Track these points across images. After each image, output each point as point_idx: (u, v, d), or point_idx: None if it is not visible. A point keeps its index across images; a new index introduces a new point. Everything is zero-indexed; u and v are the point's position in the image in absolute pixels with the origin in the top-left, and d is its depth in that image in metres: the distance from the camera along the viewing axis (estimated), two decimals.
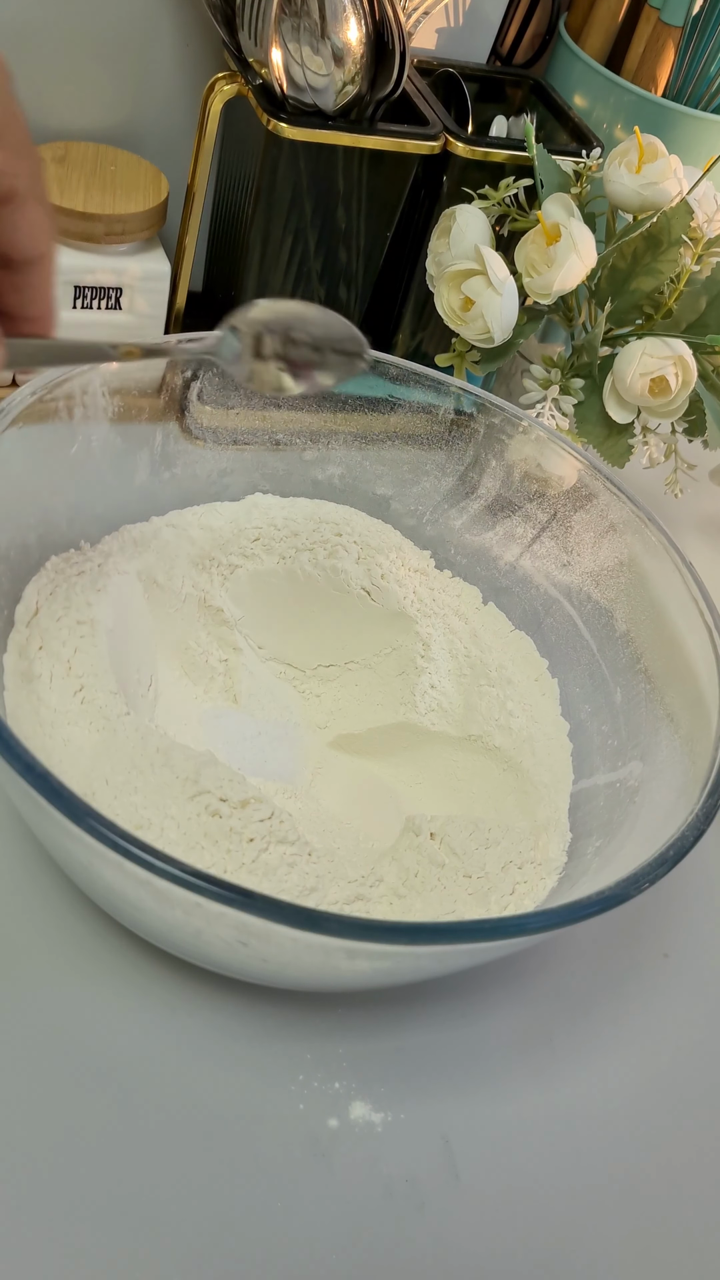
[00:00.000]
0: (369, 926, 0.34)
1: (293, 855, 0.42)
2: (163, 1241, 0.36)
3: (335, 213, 0.63)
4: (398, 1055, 0.43)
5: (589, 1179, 0.41)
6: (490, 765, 0.50)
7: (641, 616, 0.52)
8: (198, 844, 0.41)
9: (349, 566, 0.53)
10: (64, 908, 0.43)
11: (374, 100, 0.60)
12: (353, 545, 0.54)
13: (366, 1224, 0.38)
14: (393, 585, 0.54)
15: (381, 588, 0.53)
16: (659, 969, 0.49)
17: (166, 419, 0.54)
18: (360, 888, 0.42)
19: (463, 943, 0.35)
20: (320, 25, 0.57)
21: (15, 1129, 0.37)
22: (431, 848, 0.44)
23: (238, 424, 0.56)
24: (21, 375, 0.63)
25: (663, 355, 0.57)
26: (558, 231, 0.58)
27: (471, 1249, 0.39)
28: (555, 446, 0.56)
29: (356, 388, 0.57)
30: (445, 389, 0.57)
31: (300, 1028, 0.42)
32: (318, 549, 0.54)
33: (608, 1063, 0.45)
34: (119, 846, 0.32)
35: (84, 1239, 0.36)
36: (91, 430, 0.50)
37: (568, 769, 0.50)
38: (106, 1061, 0.40)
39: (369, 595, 0.53)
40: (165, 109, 0.69)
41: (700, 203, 0.61)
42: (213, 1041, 0.41)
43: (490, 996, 0.45)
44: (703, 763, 0.43)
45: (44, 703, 0.43)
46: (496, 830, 0.45)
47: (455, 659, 0.53)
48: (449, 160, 0.63)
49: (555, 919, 0.35)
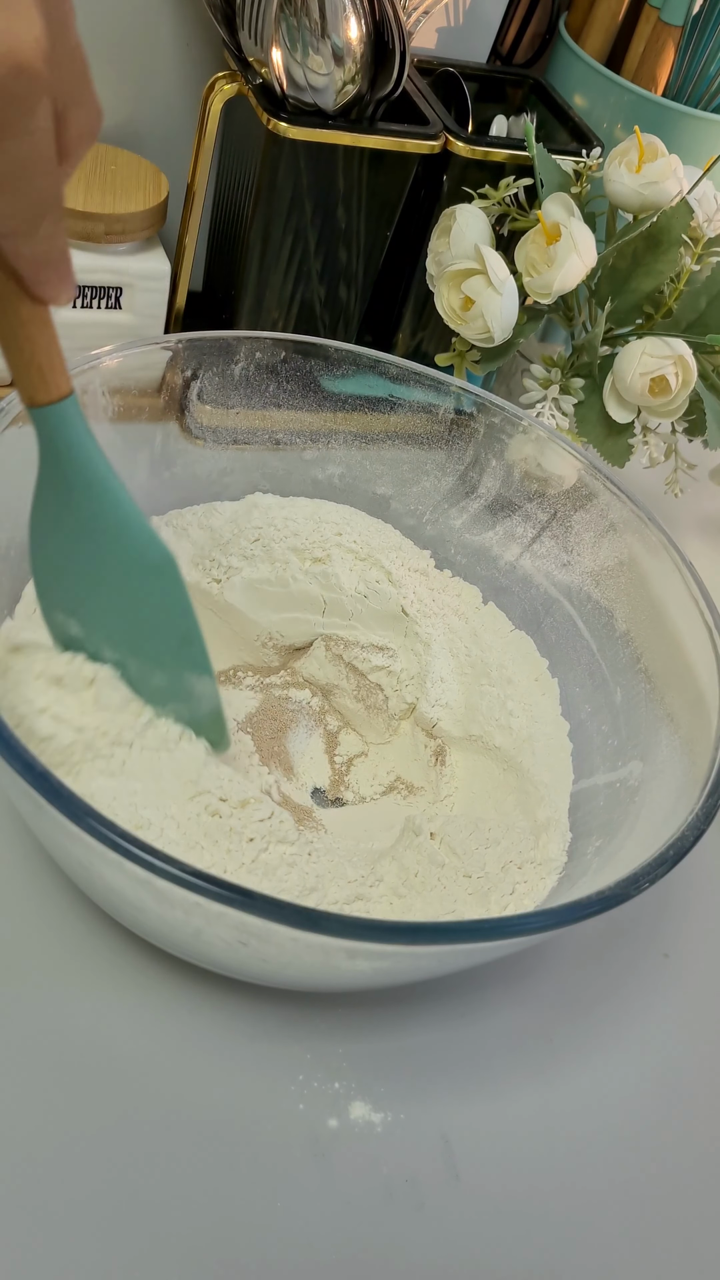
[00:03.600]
0: (369, 926, 0.34)
1: (293, 855, 0.42)
2: (163, 1241, 0.36)
3: (335, 212, 0.63)
4: (398, 1055, 0.43)
5: (588, 1178, 0.41)
6: (490, 765, 0.50)
7: (641, 616, 0.52)
8: (198, 844, 0.41)
9: (342, 573, 0.53)
10: (64, 908, 0.43)
11: (374, 100, 0.60)
12: (346, 554, 0.54)
13: (366, 1224, 0.38)
14: (389, 587, 0.54)
15: (378, 591, 0.53)
16: (659, 969, 0.49)
17: (166, 419, 0.54)
18: (360, 888, 0.42)
19: (463, 943, 0.35)
20: (320, 25, 0.57)
21: (15, 1128, 0.37)
22: (431, 847, 0.44)
23: (238, 424, 0.56)
24: None
25: (663, 355, 0.57)
26: (558, 231, 0.58)
27: (471, 1249, 0.39)
28: (555, 446, 0.56)
29: (356, 387, 0.57)
30: (445, 389, 0.57)
31: (300, 1028, 0.42)
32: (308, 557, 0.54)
33: (608, 1063, 0.45)
34: (119, 846, 0.32)
35: (84, 1238, 0.36)
36: (91, 430, 0.50)
37: (568, 769, 0.50)
38: (106, 1061, 0.40)
39: (365, 598, 0.53)
40: (165, 109, 0.69)
41: (700, 203, 0.61)
42: (213, 1041, 0.41)
43: (490, 996, 0.45)
44: (703, 763, 0.43)
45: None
46: (496, 830, 0.45)
47: (455, 659, 0.53)
48: (449, 160, 0.63)
49: (555, 919, 0.35)
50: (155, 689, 0.40)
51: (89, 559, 0.38)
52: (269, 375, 0.56)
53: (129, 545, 0.38)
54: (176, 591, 0.40)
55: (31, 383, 0.35)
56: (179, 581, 0.40)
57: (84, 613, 0.39)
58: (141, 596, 0.39)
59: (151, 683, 0.40)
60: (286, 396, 0.56)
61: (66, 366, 0.35)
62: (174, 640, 0.40)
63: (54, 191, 0.29)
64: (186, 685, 0.41)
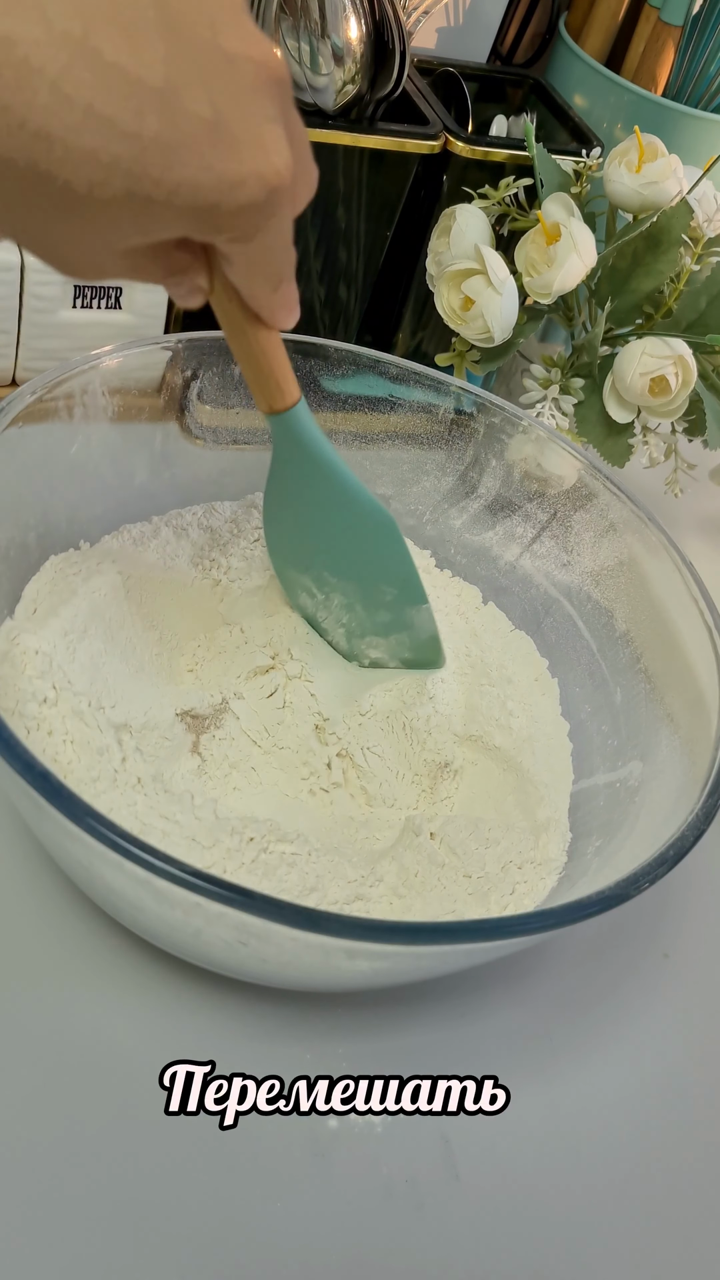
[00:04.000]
0: (369, 926, 0.34)
1: (293, 855, 0.42)
2: (163, 1241, 0.36)
3: (335, 212, 0.63)
4: (398, 1055, 0.43)
5: (588, 1178, 0.41)
6: (490, 765, 0.50)
7: (641, 616, 0.52)
8: (198, 844, 0.41)
9: None
10: (64, 908, 0.43)
11: (374, 100, 0.60)
12: None
13: (366, 1224, 0.38)
14: None
15: None
16: (659, 969, 0.49)
17: (166, 419, 0.54)
18: (360, 887, 0.42)
19: (463, 943, 0.35)
20: (320, 24, 0.57)
21: (15, 1128, 0.37)
22: (431, 847, 0.44)
23: (238, 423, 0.56)
24: (21, 375, 0.63)
25: (663, 355, 0.57)
26: (558, 231, 0.58)
27: (471, 1249, 0.39)
28: (555, 446, 0.56)
29: (356, 387, 0.57)
30: (445, 389, 0.57)
31: (300, 1028, 0.42)
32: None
33: (607, 1063, 0.45)
34: (119, 846, 0.32)
35: (83, 1238, 0.36)
36: (91, 430, 0.50)
37: (568, 769, 0.50)
38: (106, 1061, 0.40)
39: None
40: None
41: (700, 202, 0.61)
42: (213, 1041, 0.41)
43: (490, 996, 0.45)
44: (703, 763, 0.43)
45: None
46: (496, 830, 0.45)
47: (455, 659, 0.53)
48: (449, 160, 0.63)
49: (555, 919, 0.35)
50: (381, 623, 0.50)
51: (323, 525, 0.47)
52: None
53: (358, 511, 0.47)
54: (397, 544, 0.48)
55: (270, 394, 0.42)
56: (399, 536, 0.48)
57: (316, 568, 0.49)
58: (369, 549, 0.48)
59: (378, 619, 0.49)
60: None
61: (294, 376, 0.42)
62: (396, 582, 0.49)
63: (293, 254, 0.35)
64: (407, 617, 0.50)
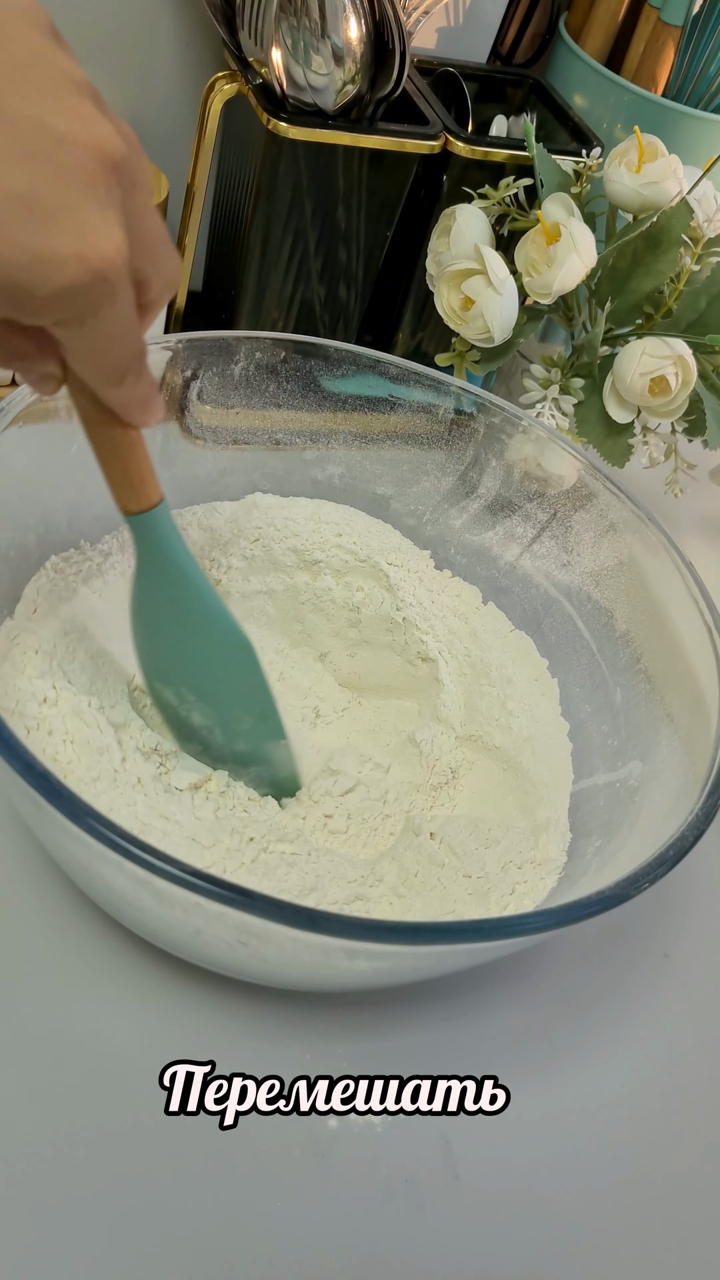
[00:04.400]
0: (369, 926, 0.34)
1: (293, 855, 0.42)
2: (163, 1241, 0.36)
3: (335, 212, 0.63)
4: (398, 1055, 0.43)
5: (588, 1178, 0.41)
6: (490, 765, 0.50)
7: (641, 616, 0.52)
8: (198, 844, 0.41)
9: (331, 585, 0.54)
10: (64, 908, 0.43)
11: (374, 100, 0.60)
12: (329, 572, 0.54)
13: (366, 1224, 0.38)
14: (383, 592, 0.54)
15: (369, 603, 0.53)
16: (659, 969, 0.49)
17: (166, 419, 0.54)
18: (360, 887, 0.42)
19: (463, 943, 0.35)
20: (320, 24, 0.57)
21: (15, 1128, 0.37)
22: (431, 847, 0.44)
23: (238, 424, 0.56)
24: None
25: (663, 355, 0.57)
26: (558, 231, 0.58)
27: (471, 1249, 0.39)
28: (555, 446, 0.56)
29: (356, 387, 0.57)
30: (445, 389, 0.57)
31: (300, 1028, 0.42)
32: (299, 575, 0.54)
33: (607, 1063, 0.45)
34: (119, 846, 0.32)
35: (84, 1238, 0.36)
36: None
37: (568, 769, 0.50)
38: (106, 1061, 0.40)
39: (358, 610, 0.54)
40: (165, 109, 0.69)
41: (700, 203, 0.61)
42: (213, 1041, 0.41)
43: (490, 996, 0.45)
44: (703, 763, 0.43)
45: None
46: (496, 830, 0.45)
47: (455, 659, 0.53)
48: (449, 160, 0.63)
49: (555, 919, 0.35)
50: (240, 753, 0.46)
51: (181, 639, 0.43)
52: (269, 375, 0.56)
53: (214, 630, 0.43)
54: (255, 672, 0.45)
55: (126, 494, 0.39)
56: (256, 664, 0.45)
57: (177, 683, 0.44)
58: (225, 674, 0.44)
59: (236, 747, 0.45)
60: (286, 396, 0.56)
61: (156, 478, 0.39)
62: (254, 713, 0.45)
63: (138, 349, 0.33)
64: (265, 751, 0.46)
